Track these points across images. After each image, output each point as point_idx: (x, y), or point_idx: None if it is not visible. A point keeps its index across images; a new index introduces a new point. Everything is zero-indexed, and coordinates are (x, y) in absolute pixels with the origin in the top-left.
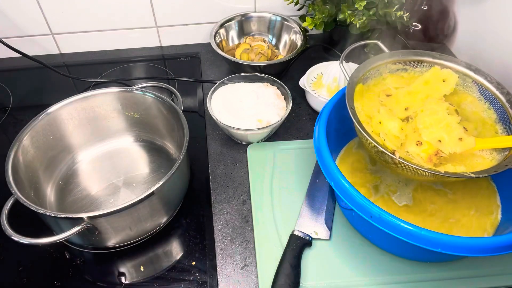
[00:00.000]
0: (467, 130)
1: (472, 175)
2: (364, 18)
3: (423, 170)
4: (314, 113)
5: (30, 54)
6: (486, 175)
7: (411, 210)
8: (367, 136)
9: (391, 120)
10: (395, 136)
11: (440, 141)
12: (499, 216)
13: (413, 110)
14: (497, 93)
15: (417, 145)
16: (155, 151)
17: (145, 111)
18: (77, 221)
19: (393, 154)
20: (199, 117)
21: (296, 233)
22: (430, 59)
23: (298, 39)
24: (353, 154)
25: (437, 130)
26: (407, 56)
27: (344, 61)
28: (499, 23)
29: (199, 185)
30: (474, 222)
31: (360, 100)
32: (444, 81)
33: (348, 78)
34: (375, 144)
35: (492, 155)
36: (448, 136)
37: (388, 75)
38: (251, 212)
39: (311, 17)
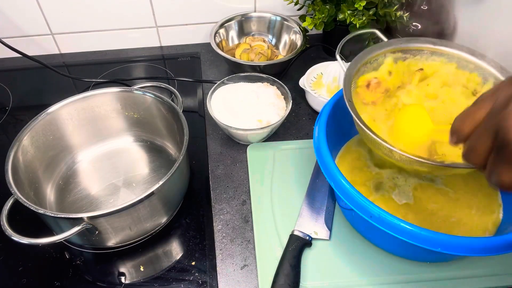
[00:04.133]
0: None
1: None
2: (364, 18)
3: (432, 164)
4: (314, 113)
5: (30, 54)
6: None
7: (412, 209)
8: (369, 133)
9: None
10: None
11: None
12: (501, 215)
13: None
14: (502, 77)
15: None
16: (155, 151)
17: (145, 111)
18: (77, 221)
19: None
20: (199, 117)
21: (296, 233)
22: (431, 46)
23: (298, 39)
24: (352, 152)
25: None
26: (406, 43)
27: (344, 61)
28: (499, 23)
29: (199, 185)
30: (476, 221)
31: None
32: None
33: (344, 69)
34: (377, 138)
35: None
36: None
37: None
38: (251, 212)
39: (311, 17)
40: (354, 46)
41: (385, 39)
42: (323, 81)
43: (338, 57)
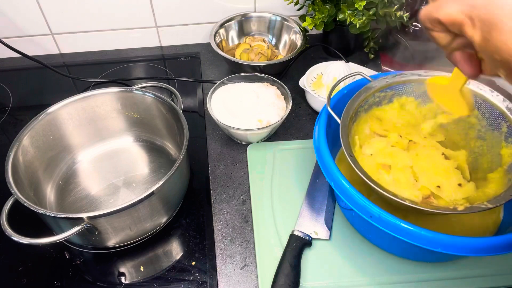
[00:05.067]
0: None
1: (490, 205)
2: (364, 18)
3: (443, 212)
4: (314, 113)
5: (30, 54)
6: (504, 202)
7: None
8: (376, 187)
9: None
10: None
11: (439, 186)
12: (502, 215)
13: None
14: (493, 100)
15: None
16: (155, 151)
17: (145, 111)
18: (77, 221)
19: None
20: (199, 117)
21: (296, 233)
22: (416, 78)
23: (298, 39)
24: None
25: (435, 175)
26: (391, 79)
27: (344, 61)
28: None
29: (199, 185)
30: (476, 221)
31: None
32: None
33: (339, 121)
34: (388, 195)
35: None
36: (447, 181)
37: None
38: (251, 212)
39: (311, 17)
40: (353, 51)
41: (369, 79)
42: (323, 81)
43: (329, 110)
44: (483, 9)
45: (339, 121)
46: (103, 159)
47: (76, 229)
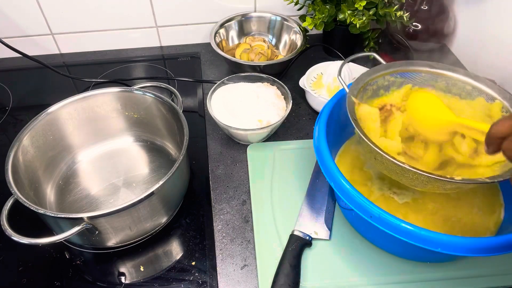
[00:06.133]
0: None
1: (487, 180)
2: (364, 18)
3: (440, 179)
4: (314, 113)
5: (30, 54)
6: (502, 179)
7: (412, 208)
8: (379, 150)
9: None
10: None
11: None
12: (502, 215)
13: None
14: (500, 98)
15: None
16: (155, 151)
17: (145, 111)
18: (77, 221)
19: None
20: (199, 117)
21: (296, 233)
22: (428, 69)
23: (298, 39)
24: (352, 151)
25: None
26: (405, 66)
27: (341, 79)
28: (499, 23)
29: (199, 185)
30: (477, 221)
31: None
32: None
33: (347, 90)
34: (389, 158)
35: (491, 167)
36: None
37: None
38: (251, 212)
39: (311, 17)
40: (353, 52)
41: (383, 61)
42: (323, 81)
43: (339, 79)
44: None
45: (347, 89)
46: (103, 159)
47: (76, 229)
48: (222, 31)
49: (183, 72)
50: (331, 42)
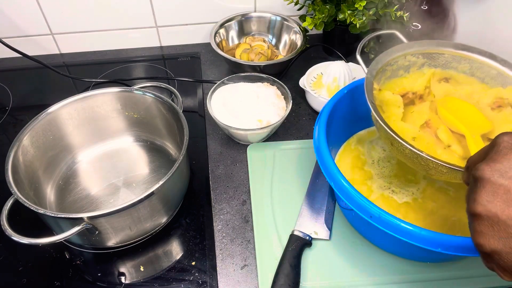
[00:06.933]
0: None
1: None
2: (364, 18)
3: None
4: (314, 113)
5: (30, 54)
6: None
7: (412, 208)
8: (397, 138)
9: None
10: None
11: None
12: None
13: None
14: None
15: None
16: (155, 151)
17: (145, 111)
18: (77, 221)
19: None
20: (199, 117)
21: (296, 233)
22: (452, 50)
23: (298, 39)
24: (352, 150)
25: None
26: (427, 46)
27: (344, 61)
28: (499, 23)
29: (199, 185)
30: None
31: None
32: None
33: (366, 71)
34: (407, 145)
35: None
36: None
37: (406, 75)
38: (251, 212)
39: (311, 17)
40: (353, 52)
41: (405, 40)
42: (323, 81)
43: (358, 57)
44: None
45: (365, 69)
46: (103, 159)
47: (76, 229)
48: (222, 31)
49: (183, 72)
50: (331, 42)
